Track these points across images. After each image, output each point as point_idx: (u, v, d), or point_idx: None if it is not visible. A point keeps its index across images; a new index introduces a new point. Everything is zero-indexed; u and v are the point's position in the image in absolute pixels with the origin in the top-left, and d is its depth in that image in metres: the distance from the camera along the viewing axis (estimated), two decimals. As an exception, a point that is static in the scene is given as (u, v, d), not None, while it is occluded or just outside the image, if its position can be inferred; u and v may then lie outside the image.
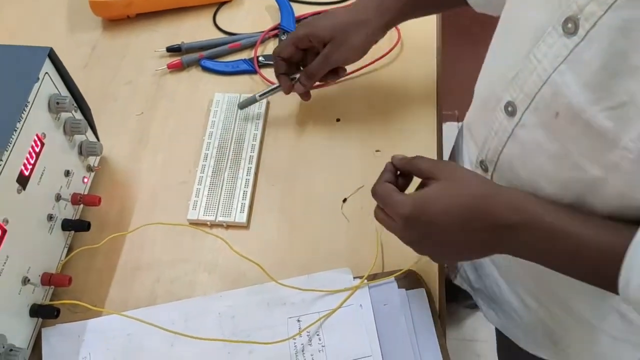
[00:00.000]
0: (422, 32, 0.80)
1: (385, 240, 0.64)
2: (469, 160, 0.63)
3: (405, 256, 0.63)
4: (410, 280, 0.61)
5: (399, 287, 0.60)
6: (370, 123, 0.73)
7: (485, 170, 0.57)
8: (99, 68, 0.79)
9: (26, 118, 0.55)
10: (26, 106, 0.55)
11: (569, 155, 0.46)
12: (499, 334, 0.72)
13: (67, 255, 0.63)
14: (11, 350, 0.53)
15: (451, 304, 1.38)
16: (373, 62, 0.77)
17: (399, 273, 0.61)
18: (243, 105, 0.72)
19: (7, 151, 0.52)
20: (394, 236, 0.63)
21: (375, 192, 0.52)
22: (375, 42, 0.68)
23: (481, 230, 0.47)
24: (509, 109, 0.50)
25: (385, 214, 0.52)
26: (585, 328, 0.59)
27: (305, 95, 0.71)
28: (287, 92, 0.70)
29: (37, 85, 0.56)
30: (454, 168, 0.51)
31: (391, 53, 0.77)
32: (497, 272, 0.66)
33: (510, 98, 0.50)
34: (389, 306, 0.59)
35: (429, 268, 0.62)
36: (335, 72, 0.69)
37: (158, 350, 0.58)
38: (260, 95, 0.71)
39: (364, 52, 0.68)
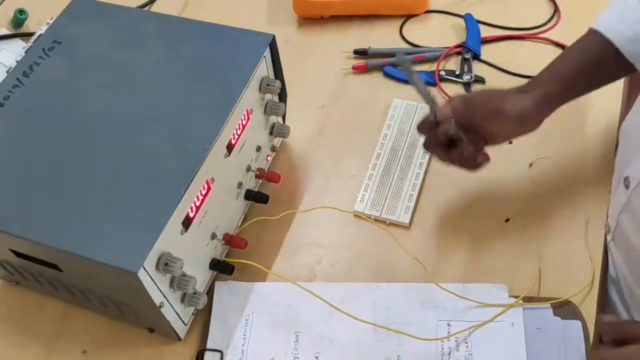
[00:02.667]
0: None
1: (544, 266, 0.65)
2: None
3: (563, 285, 0.63)
4: (566, 310, 0.61)
5: (554, 314, 0.61)
6: (543, 151, 0.74)
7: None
8: (290, 60, 0.85)
9: (243, 94, 0.61)
10: (246, 84, 0.61)
11: None
12: None
13: (243, 222, 0.70)
14: (195, 293, 0.60)
15: None
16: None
17: (556, 301, 0.61)
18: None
19: (226, 120, 0.59)
20: (554, 263, 0.65)
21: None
22: (540, 115, 0.61)
23: None
24: (625, 183, 0.55)
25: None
26: None
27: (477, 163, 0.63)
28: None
29: (256, 67, 0.63)
30: None
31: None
32: (618, 297, 0.66)
33: (627, 174, 0.54)
34: (542, 331, 0.60)
35: (587, 301, 0.62)
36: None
37: (313, 324, 0.63)
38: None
39: (523, 122, 0.61)
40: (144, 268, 0.51)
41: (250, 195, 0.70)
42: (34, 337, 0.65)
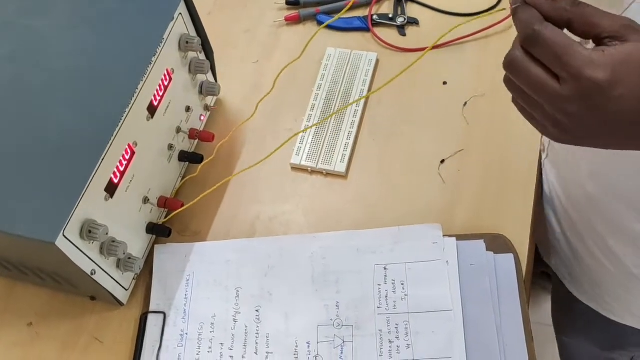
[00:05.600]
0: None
1: (479, 204, 0.65)
2: None
3: (498, 221, 0.64)
4: (499, 244, 0.62)
5: (487, 249, 0.61)
6: (477, 89, 0.73)
7: None
8: (221, 16, 0.84)
9: (160, 53, 0.60)
10: (161, 42, 0.60)
11: None
12: (553, 276, 0.74)
13: (180, 184, 0.70)
14: (129, 258, 0.60)
15: (539, 289, 1.37)
16: (487, 28, 0.76)
17: (489, 234, 0.62)
18: None
19: (142, 81, 0.58)
20: (489, 200, 0.65)
21: (539, 37, 0.36)
22: None
23: None
24: None
25: (538, 70, 0.37)
26: (626, 276, 0.60)
27: None
28: None
29: (171, 24, 0.61)
30: None
31: (507, 21, 0.77)
32: (553, 215, 0.67)
33: None
34: (475, 267, 0.61)
35: (520, 234, 0.63)
36: None
37: (253, 279, 0.63)
38: None
39: None
40: (66, 237, 0.51)
41: (185, 157, 0.69)
42: (-23, 314, 0.65)
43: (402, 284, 0.61)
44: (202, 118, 0.73)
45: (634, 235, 0.57)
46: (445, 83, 0.74)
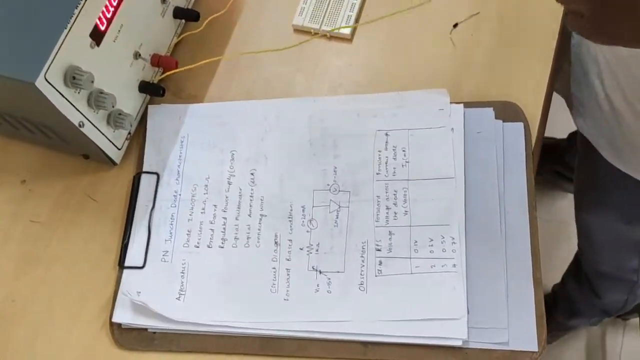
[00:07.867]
0: None
1: (492, 71, 0.61)
2: None
3: (510, 89, 0.60)
4: (509, 112, 0.58)
5: (497, 117, 0.58)
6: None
7: None
8: None
9: None
10: None
11: None
12: (583, 144, 0.71)
13: (176, 43, 0.66)
14: (120, 114, 0.58)
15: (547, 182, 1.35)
16: None
17: (498, 101, 0.58)
18: None
19: None
20: (501, 66, 0.61)
21: None
22: None
23: None
24: None
25: None
26: None
27: None
28: None
29: None
30: None
31: None
32: (596, 75, 0.63)
33: None
34: (482, 134, 0.58)
35: (534, 103, 0.59)
36: None
37: (249, 142, 0.61)
38: None
39: None
40: (47, 80, 0.49)
41: (180, 13, 0.65)
42: (-30, 170, 0.64)
43: (403, 151, 0.58)
44: (200, -26, 0.68)
45: None
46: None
